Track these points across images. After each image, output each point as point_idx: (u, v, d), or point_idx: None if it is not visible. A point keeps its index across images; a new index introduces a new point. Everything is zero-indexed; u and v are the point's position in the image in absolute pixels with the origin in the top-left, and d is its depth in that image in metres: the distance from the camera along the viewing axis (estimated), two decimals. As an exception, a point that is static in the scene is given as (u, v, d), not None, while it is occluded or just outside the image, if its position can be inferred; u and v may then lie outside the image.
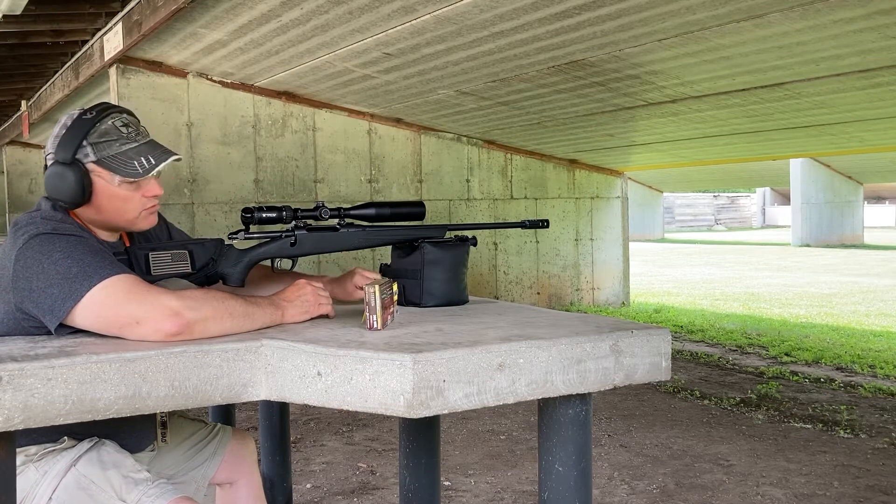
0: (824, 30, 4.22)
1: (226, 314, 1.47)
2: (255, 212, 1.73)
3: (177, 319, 1.40)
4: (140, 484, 1.54)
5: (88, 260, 1.46)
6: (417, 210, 1.90)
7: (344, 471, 3.70)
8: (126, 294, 1.43)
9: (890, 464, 3.73)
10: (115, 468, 1.56)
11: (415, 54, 5.23)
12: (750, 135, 7.30)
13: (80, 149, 1.56)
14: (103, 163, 1.57)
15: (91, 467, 1.55)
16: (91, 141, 1.57)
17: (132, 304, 1.42)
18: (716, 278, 13.18)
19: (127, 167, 1.58)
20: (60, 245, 1.47)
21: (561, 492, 1.41)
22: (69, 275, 1.44)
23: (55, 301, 1.44)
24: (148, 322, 1.41)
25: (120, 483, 1.54)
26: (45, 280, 1.45)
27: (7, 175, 12.14)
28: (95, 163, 1.57)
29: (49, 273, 1.45)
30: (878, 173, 20.56)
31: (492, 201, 8.35)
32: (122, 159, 1.58)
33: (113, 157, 1.58)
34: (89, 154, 1.57)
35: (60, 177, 1.55)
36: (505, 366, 1.31)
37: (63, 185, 1.55)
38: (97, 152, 1.57)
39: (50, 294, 1.44)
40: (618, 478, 3.59)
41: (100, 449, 1.58)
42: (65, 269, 1.44)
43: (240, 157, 6.63)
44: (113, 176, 1.58)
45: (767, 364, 6.12)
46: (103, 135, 1.58)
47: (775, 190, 33.85)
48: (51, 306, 1.44)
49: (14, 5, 4.27)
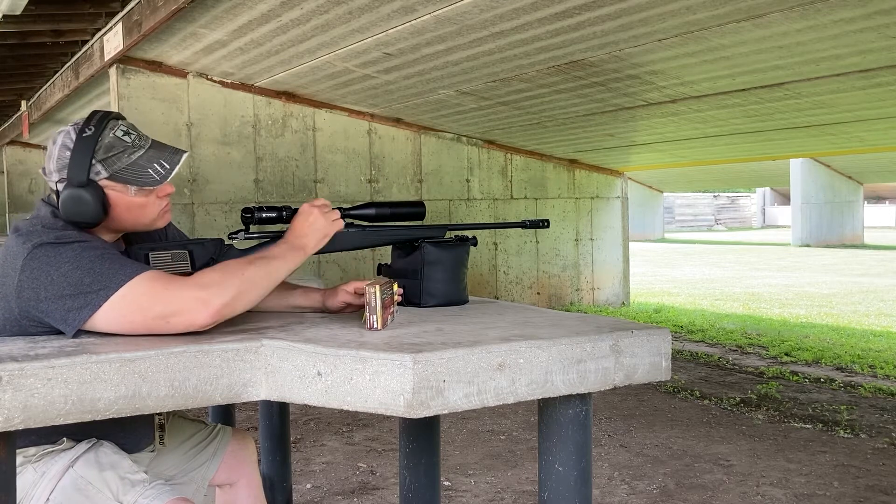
0: (824, 30, 4.22)
1: (250, 286, 1.47)
2: (255, 212, 1.73)
3: (207, 309, 1.41)
4: (137, 485, 1.54)
5: (99, 268, 1.44)
6: (418, 210, 1.89)
7: (344, 471, 3.70)
8: (149, 294, 1.43)
9: (890, 464, 3.73)
10: (112, 469, 1.55)
11: (415, 54, 5.23)
12: (750, 135, 7.30)
13: (91, 167, 1.53)
14: (117, 177, 1.55)
15: (88, 468, 1.54)
16: (99, 158, 1.54)
17: (158, 304, 1.42)
18: (716, 278, 13.18)
19: (142, 177, 1.56)
20: (67, 255, 1.45)
21: (561, 492, 1.41)
22: (82, 285, 1.42)
23: (69, 312, 1.43)
24: (178, 317, 1.41)
25: (117, 484, 1.53)
26: (55, 290, 1.43)
27: (7, 175, 12.15)
28: (109, 178, 1.55)
29: (59, 284, 1.43)
30: (878, 173, 20.56)
31: (492, 201, 8.35)
32: (134, 170, 1.56)
33: (125, 170, 1.55)
34: (101, 171, 1.54)
35: (79, 200, 1.52)
36: (505, 366, 1.31)
37: (83, 208, 1.52)
38: (108, 168, 1.54)
39: (62, 305, 1.43)
40: (618, 478, 3.59)
41: (97, 450, 1.58)
42: (76, 280, 1.43)
43: (240, 157, 6.63)
44: (127, 187, 1.57)
45: (767, 364, 6.12)
46: (109, 149, 1.55)
47: (775, 190, 33.86)
48: (64, 317, 1.43)
49: (14, 5, 4.28)
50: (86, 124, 1.55)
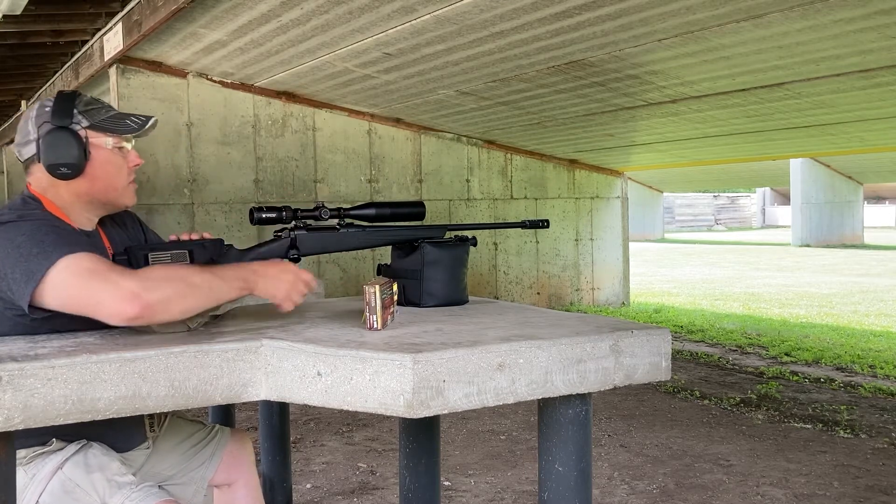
0: (824, 30, 4.22)
1: (189, 294, 1.43)
2: (255, 212, 1.74)
3: (135, 302, 1.37)
4: (124, 487, 1.54)
5: (49, 239, 1.45)
6: (417, 210, 1.89)
7: (344, 471, 3.70)
8: (86, 274, 1.41)
9: (890, 464, 3.73)
10: (99, 471, 1.55)
11: (415, 54, 5.23)
12: (750, 135, 7.30)
13: (73, 116, 1.63)
14: (97, 126, 1.65)
15: (76, 470, 1.54)
16: (80, 109, 1.64)
17: (92, 286, 1.40)
18: (716, 278, 13.18)
19: (121, 126, 1.68)
20: (24, 229, 1.48)
21: (561, 492, 1.41)
22: (30, 255, 1.43)
23: (19, 283, 1.43)
24: (105, 304, 1.38)
25: (104, 486, 1.53)
26: (11, 264, 1.44)
27: (7, 175, 12.12)
28: (89, 127, 1.64)
29: (13, 256, 1.44)
30: (878, 173, 20.57)
31: (492, 201, 8.35)
32: (114, 120, 1.67)
33: (105, 120, 1.66)
34: (81, 121, 1.63)
35: (63, 140, 1.60)
36: (505, 366, 1.31)
37: (67, 149, 1.61)
38: (88, 118, 1.64)
39: (15, 278, 1.44)
40: (618, 478, 3.59)
41: (87, 452, 1.57)
42: (27, 251, 1.44)
43: (240, 157, 6.63)
44: (106, 139, 1.66)
45: (767, 364, 6.12)
46: (89, 104, 1.67)
47: (775, 190, 33.86)
48: (19, 289, 1.43)
49: (14, 5, 4.27)
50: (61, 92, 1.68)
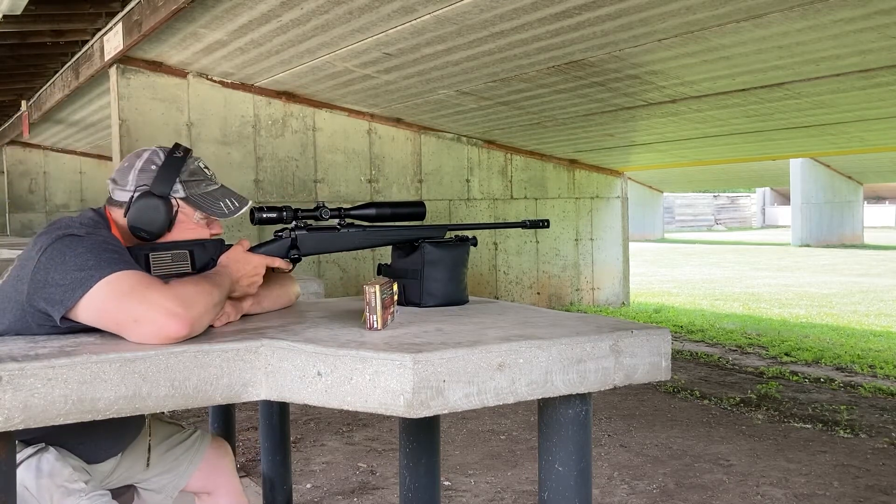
0: (824, 30, 4.22)
1: (211, 305, 1.49)
2: (255, 212, 1.74)
3: (179, 320, 1.38)
4: (73, 494, 1.53)
5: (106, 256, 1.46)
6: (418, 210, 1.89)
7: (344, 471, 3.70)
8: (128, 290, 1.42)
9: (890, 464, 3.73)
10: (49, 477, 1.54)
11: (415, 54, 5.23)
12: (750, 135, 7.30)
13: (173, 186, 1.67)
14: (191, 200, 1.69)
15: (27, 474, 1.53)
16: (183, 179, 1.68)
17: (133, 302, 1.40)
18: (716, 278, 13.18)
19: (214, 207, 1.71)
20: (86, 244, 1.48)
21: (561, 492, 1.41)
22: (85, 266, 1.44)
23: (66, 291, 1.43)
24: (147, 322, 1.38)
25: (52, 492, 1.52)
26: (62, 272, 1.44)
27: (7, 175, 12.12)
28: (184, 199, 1.68)
29: (68, 265, 1.45)
30: (878, 173, 20.57)
31: (492, 201, 8.35)
32: (209, 199, 1.71)
33: (201, 196, 1.70)
34: (179, 191, 1.68)
35: (155, 209, 1.64)
36: (505, 366, 1.31)
37: (156, 217, 1.64)
38: (187, 189, 1.68)
39: (63, 286, 1.43)
40: (618, 478, 3.59)
41: (41, 456, 1.56)
42: (83, 262, 1.45)
43: (240, 157, 6.63)
44: (195, 212, 1.70)
45: (767, 364, 6.12)
46: (193, 174, 1.70)
47: (775, 190, 33.86)
48: (61, 297, 1.43)
49: (14, 5, 4.27)
50: (175, 149, 1.71)
